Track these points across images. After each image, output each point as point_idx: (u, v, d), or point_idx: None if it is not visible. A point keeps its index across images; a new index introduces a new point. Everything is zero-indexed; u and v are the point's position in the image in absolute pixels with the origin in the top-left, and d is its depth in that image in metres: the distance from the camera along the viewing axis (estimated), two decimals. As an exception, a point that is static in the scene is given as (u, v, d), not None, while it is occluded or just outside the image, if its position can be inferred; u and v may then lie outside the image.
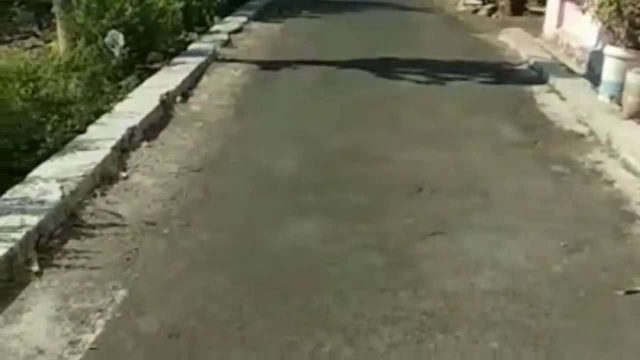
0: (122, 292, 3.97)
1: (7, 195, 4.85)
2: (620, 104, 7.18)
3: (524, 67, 9.96)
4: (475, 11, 15.97)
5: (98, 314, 3.77)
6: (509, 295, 3.96)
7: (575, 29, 10.03)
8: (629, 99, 6.93)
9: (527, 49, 10.66)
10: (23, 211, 4.60)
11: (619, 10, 7.28)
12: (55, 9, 8.81)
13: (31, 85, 6.36)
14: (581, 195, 5.44)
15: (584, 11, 8.20)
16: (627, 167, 5.87)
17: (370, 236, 4.66)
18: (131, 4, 9.45)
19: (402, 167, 5.92)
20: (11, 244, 4.17)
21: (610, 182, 5.66)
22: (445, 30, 13.57)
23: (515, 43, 11.30)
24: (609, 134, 6.50)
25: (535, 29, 12.17)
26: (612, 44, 7.55)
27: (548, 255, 4.43)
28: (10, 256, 4.11)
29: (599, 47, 8.48)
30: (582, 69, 9.11)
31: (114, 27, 8.84)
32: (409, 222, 4.87)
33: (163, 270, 4.23)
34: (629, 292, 3.99)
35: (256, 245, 4.55)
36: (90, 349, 3.49)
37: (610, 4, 7.33)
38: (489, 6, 15.92)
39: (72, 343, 3.52)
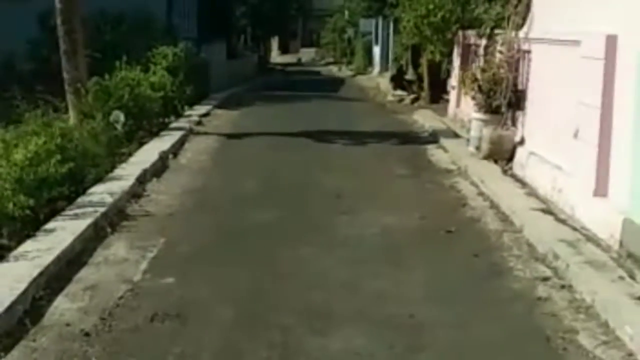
0: (162, 240, 7.30)
1: (79, 200, 8.21)
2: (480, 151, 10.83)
3: (425, 134, 13.75)
4: (401, 100, 19.92)
5: (152, 247, 7.09)
6: (384, 233, 7.43)
7: (466, 108, 13.78)
8: (484, 146, 10.58)
9: (430, 123, 14.45)
10: (93, 206, 7.98)
11: (479, 87, 10.99)
12: (68, 97, 12.26)
13: (70, 143, 9.72)
14: (438, 197, 9.01)
15: (453, 87, 11.92)
16: (472, 183, 9.48)
17: (308, 219, 8.13)
18: (127, 92, 13.02)
19: (328, 186, 9.45)
20: (95, 217, 7.55)
21: (459, 191, 9.25)
22: (372, 113, 17.45)
23: (423, 119, 15.12)
24: (466, 167, 10.13)
25: (444, 111, 15.99)
26: (476, 111, 11.23)
27: (409, 220, 7.91)
28: (95, 223, 7.48)
29: (477, 117, 12.18)
30: (467, 135, 12.76)
31: (117, 108, 12.34)
32: (330, 206, 8.39)
33: (182, 231, 7.62)
34: (447, 232, 7.47)
35: (236, 230, 7.96)
36: (153, 258, 6.81)
37: (473, 82, 11.07)
38: (412, 96, 19.90)
39: (142, 256, 6.84)
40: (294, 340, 5.04)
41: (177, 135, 12.73)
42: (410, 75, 22.19)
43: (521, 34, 10.23)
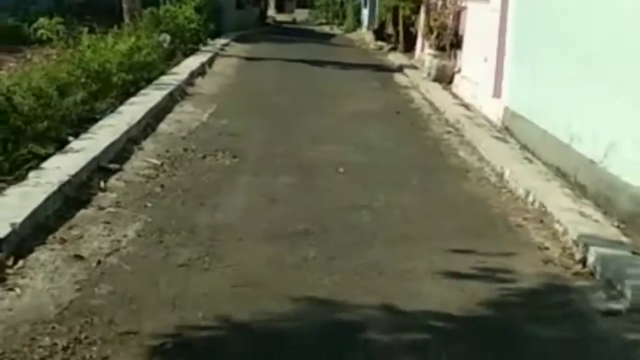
0: (214, 105, 10.88)
1: (154, 82, 11.75)
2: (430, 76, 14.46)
3: (394, 67, 17.37)
4: (380, 48, 23.40)
5: (209, 107, 10.67)
6: (357, 112, 11.08)
7: (428, 51, 17.39)
8: (432, 72, 14.19)
9: (399, 61, 18.01)
10: (166, 84, 11.55)
11: (431, 30, 14.57)
12: (126, 22, 15.70)
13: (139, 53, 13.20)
14: (395, 99, 12.61)
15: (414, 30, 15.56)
16: (420, 93, 13.08)
17: (308, 103, 11.76)
18: (170, 21, 16.54)
19: (323, 89, 13.04)
20: (170, 89, 11.15)
21: (410, 96, 12.88)
22: (356, 54, 21.05)
23: (395, 59, 18.70)
24: (418, 84, 13.76)
25: (412, 56, 19.59)
26: (429, 48, 14.83)
27: (374, 107, 11.51)
28: (171, 93, 11.08)
29: (433, 56, 15.74)
30: (426, 69, 16.39)
31: (165, 31, 15.84)
32: (323, 98, 12.02)
33: (226, 102, 11.22)
34: (397, 112, 11.13)
35: (261, 103, 11.57)
36: (211, 112, 10.40)
37: (427, 27, 14.67)
38: (390, 46, 23.41)
39: (204, 110, 10.43)
40: (304, 147, 8.63)
41: (208, 54, 16.24)
42: (389, 30, 25.65)
43: (462, -5, 13.85)
